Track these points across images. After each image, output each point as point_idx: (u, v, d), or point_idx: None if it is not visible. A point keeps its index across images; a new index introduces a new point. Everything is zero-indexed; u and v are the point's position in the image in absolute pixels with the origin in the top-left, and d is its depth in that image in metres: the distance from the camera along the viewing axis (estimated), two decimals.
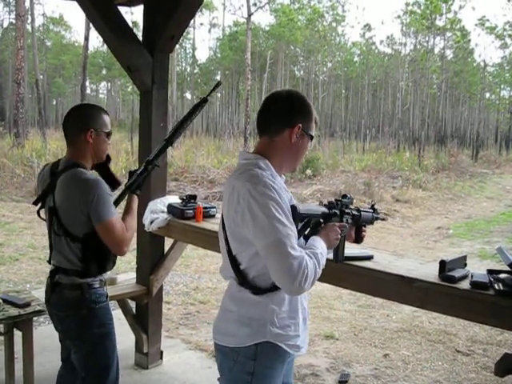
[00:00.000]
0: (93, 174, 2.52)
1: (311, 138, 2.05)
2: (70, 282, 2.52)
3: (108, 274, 4.24)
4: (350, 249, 2.86)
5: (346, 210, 2.23)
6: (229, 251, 1.96)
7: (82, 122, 2.56)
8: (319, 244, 1.95)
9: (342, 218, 2.20)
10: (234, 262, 1.94)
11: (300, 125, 1.98)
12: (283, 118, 1.98)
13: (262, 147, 2.01)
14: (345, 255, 2.68)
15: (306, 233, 2.05)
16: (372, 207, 2.54)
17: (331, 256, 2.26)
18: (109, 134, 2.66)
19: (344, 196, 2.27)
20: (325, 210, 2.11)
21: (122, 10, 3.82)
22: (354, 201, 2.45)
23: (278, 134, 1.98)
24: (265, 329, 1.91)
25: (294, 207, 1.87)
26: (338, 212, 2.16)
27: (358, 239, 2.44)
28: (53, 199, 2.50)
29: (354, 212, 2.32)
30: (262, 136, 2.04)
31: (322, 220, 2.09)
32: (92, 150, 2.58)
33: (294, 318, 1.98)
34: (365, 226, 2.43)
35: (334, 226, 2.08)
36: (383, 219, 2.82)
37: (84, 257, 2.49)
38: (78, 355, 2.62)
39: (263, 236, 1.76)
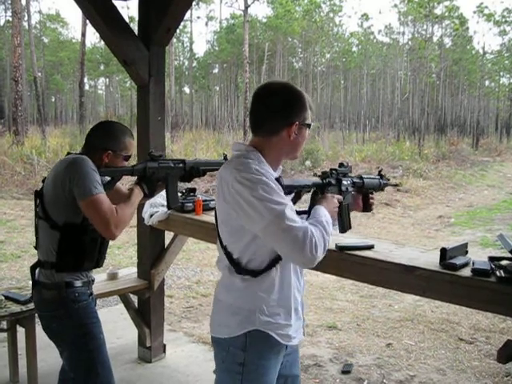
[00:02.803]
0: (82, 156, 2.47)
1: (309, 126, 2.01)
2: (47, 280, 2.48)
3: (109, 270, 4.27)
4: (350, 238, 2.86)
5: (344, 178, 2.21)
6: (221, 242, 1.96)
7: (103, 140, 2.56)
8: (322, 212, 1.93)
9: (341, 187, 2.18)
10: (226, 252, 1.93)
11: (297, 122, 1.93)
12: (279, 117, 1.92)
13: (258, 143, 1.96)
14: (345, 245, 2.68)
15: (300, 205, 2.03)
16: (379, 174, 2.52)
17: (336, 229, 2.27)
18: (127, 158, 2.64)
19: (341, 165, 2.26)
20: (317, 180, 2.09)
21: (118, 4, 3.79)
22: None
23: (274, 134, 1.93)
24: (254, 316, 1.90)
25: (277, 179, 1.85)
26: (333, 181, 2.14)
27: (367, 207, 2.43)
28: (43, 184, 2.51)
29: (355, 179, 2.31)
30: (256, 134, 1.98)
31: (317, 190, 2.08)
32: (104, 166, 2.56)
33: (285, 306, 1.96)
34: (372, 194, 2.42)
35: (331, 196, 2.07)
36: (396, 185, 2.81)
37: (60, 248, 2.44)
38: (64, 356, 2.59)
39: (260, 219, 1.74)
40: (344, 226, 2.30)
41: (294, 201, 2.00)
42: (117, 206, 2.44)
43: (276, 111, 1.92)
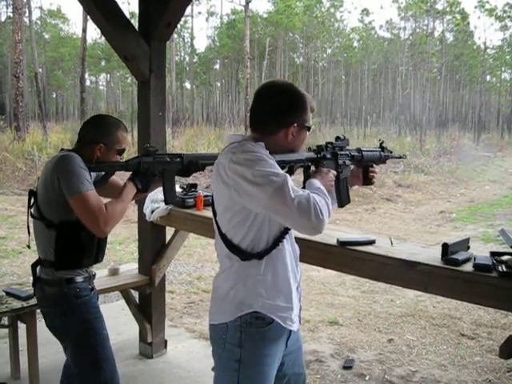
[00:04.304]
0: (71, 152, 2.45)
1: (309, 128, 2.00)
2: (49, 276, 2.48)
3: (110, 265, 4.26)
4: (352, 234, 2.85)
5: (341, 152, 2.19)
6: (220, 231, 1.95)
7: (94, 134, 2.54)
8: (316, 183, 1.92)
9: (337, 161, 2.16)
10: (226, 240, 1.92)
11: (295, 124, 1.93)
12: (276, 118, 1.92)
13: (255, 138, 1.95)
14: (346, 240, 2.67)
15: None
16: (380, 146, 2.48)
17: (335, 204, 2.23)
18: (121, 152, 2.61)
19: (337, 138, 2.23)
20: (311, 154, 2.07)
21: None
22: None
23: (272, 134, 1.93)
24: (252, 299, 1.89)
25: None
26: (328, 155, 2.12)
27: (367, 181, 2.40)
28: (37, 183, 2.50)
29: (354, 153, 2.28)
30: (253, 131, 1.99)
31: (310, 164, 2.06)
32: (97, 161, 2.53)
33: (284, 289, 1.95)
34: (372, 166, 2.40)
35: (326, 170, 2.06)
36: (400, 157, 2.75)
37: (57, 247, 2.43)
38: (67, 351, 2.59)
39: (262, 194, 1.72)
40: (342, 200, 2.24)
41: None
42: (107, 202, 2.41)
43: (274, 113, 1.92)
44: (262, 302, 1.90)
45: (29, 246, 2.58)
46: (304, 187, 1.94)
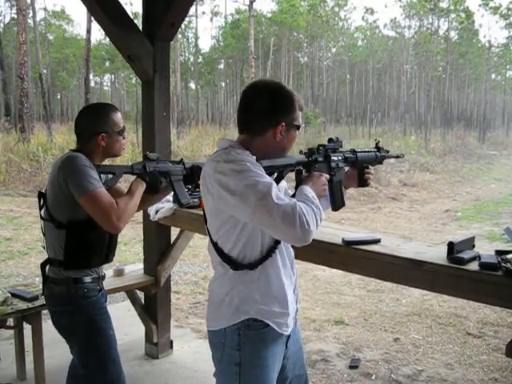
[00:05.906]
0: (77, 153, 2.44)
1: (298, 127, 1.96)
2: (56, 275, 2.48)
3: (116, 266, 4.27)
4: (357, 233, 2.84)
5: (334, 154, 2.14)
6: (211, 239, 1.92)
7: (92, 126, 2.52)
8: (307, 190, 1.86)
9: (330, 164, 2.10)
10: (217, 248, 1.89)
11: (283, 123, 1.88)
12: (264, 117, 1.87)
13: (243, 141, 1.91)
14: (352, 240, 2.66)
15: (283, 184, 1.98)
16: (376, 146, 2.44)
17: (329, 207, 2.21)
18: (121, 132, 2.59)
19: (330, 140, 2.18)
20: (302, 158, 2.01)
21: (122, 0, 3.79)
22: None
23: (260, 134, 1.89)
24: (248, 306, 1.87)
25: (257, 160, 1.80)
26: (320, 158, 2.06)
27: (362, 182, 2.33)
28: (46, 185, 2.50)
29: (347, 154, 2.23)
30: (241, 133, 1.95)
31: (302, 168, 2.01)
32: (104, 151, 2.54)
33: (279, 295, 1.92)
34: (368, 168, 2.33)
35: (317, 174, 2.00)
36: (398, 156, 2.68)
37: (67, 246, 2.42)
38: (74, 351, 2.58)
39: (246, 205, 1.68)
40: (336, 203, 2.19)
41: (277, 182, 1.89)
42: (117, 198, 2.40)
43: (262, 112, 1.88)
44: (258, 307, 1.87)
45: (44, 247, 2.57)
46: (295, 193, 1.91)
